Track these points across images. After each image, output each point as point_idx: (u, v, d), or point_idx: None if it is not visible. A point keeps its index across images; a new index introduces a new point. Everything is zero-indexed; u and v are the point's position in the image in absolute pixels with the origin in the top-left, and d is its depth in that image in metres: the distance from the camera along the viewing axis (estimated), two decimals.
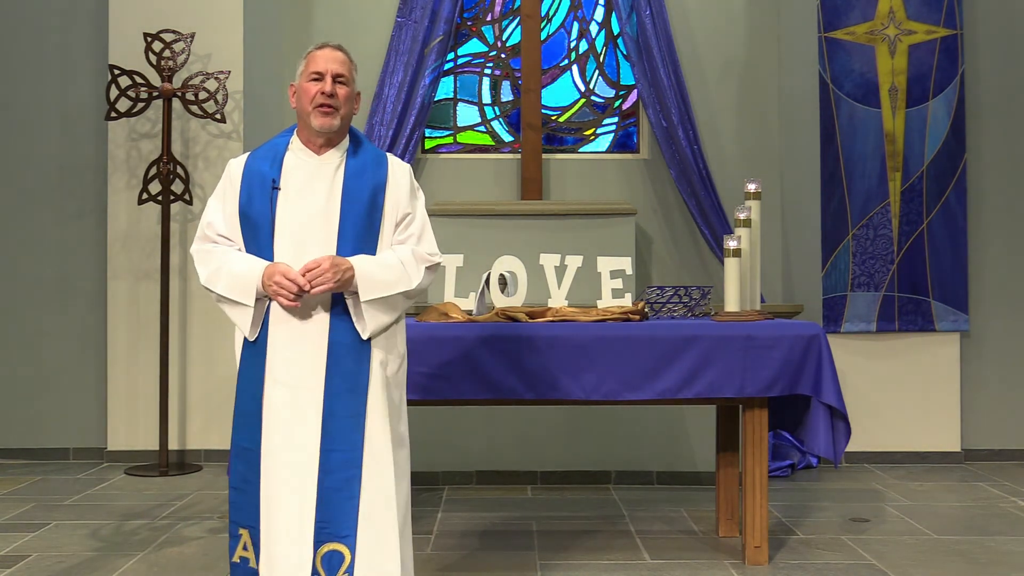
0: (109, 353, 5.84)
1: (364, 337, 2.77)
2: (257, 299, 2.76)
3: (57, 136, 6.04)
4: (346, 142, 2.91)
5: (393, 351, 2.86)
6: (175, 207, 5.75)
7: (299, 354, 2.75)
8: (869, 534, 4.26)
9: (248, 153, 2.95)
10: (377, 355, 2.80)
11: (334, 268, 2.68)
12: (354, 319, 2.77)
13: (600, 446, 5.28)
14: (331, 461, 2.72)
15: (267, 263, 2.75)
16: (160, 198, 5.59)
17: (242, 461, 2.78)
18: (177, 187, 5.66)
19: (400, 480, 2.81)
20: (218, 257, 2.84)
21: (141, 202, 5.59)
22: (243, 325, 2.80)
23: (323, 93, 2.81)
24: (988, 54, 5.98)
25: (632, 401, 3.69)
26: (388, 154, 2.98)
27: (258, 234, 2.79)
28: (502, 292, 4.06)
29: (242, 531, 2.78)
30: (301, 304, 2.72)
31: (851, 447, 5.48)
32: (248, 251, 2.82)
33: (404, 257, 2.84)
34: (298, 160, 2.86)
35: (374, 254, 2.81)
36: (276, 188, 2.81)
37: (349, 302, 2.77)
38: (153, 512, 4.62)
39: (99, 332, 5.93)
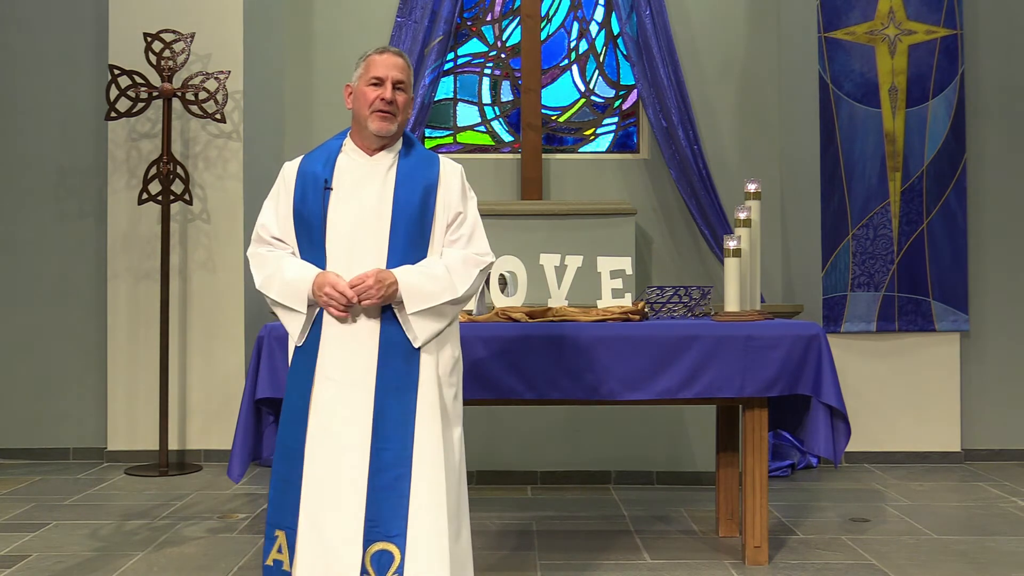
0: (109, 353, 5.84)
1: (416, 346, 2.79)
2: (308, 305, 2.79)
3: (57, 136, 6.04)
4: (399, 144, 2.94)
5: (444, 351, 2.87)
6: (175, 207, 5.75)
7: (350, 352, 2.76)
8: (869, 534, 4.26)
9: (303, 156, 2.98)
10: (428, 354, 2.81)
11: (378, 284, 2.71)
12: (404, 328, 2.79)
13: (600, 446, 5.28)
14: (381, 460, 2.71)
15: (318, 271, 2.78)
16: (160, 198, 5.59)
17: (284, 460, 2.79)
18: (177, 187, 5.66)
19: (452, 479, 2.80)
20: (272, 262, 2.87)
21: (141, 202, 5.59)
22: (293, 331, 2.83)
23: (383, 99, 2.83)
24: (988, 54, 5.98)
25: (632, 401, 3.69)
26: (440, 155, 3.01)
27: (311, 234, 2.81)
28: (502, 292, 4.06)
29: (278, 533, 2.77)
30: (350, 314, 2.76)
31: (851, 447, 5.47)
32: (301, 251, 2.85)
33: (452, 264, 2.85)
34: (351, 161, 2.89)
35: (425, 254, 2.83)
36: (328, 188, 2.83)
37: (398, 313, 2.79)
38: (153, 512, 4.62)
39: (99, 332, 5.93)
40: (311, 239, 2.82)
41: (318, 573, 2.70)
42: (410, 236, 2.81)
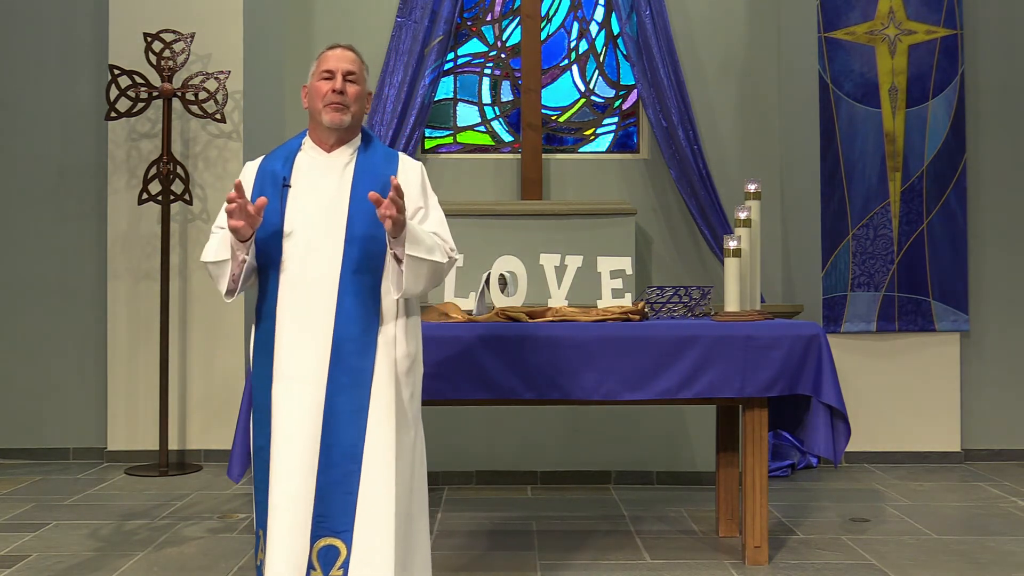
0: (109, 353, 5.84)
1: (395, 296, 2.77)
2: (234, 254, 2.77)
3: (57, 136, 6.04)
4: (357, 140, 2.95)
5: (400, 347, 2.85)
6: (175, 207, 5.75)
7: (303, 348, 2.76)
8: (869, 534, 4.26)
9: (264, 156, 2.98)
10: (384, 351, 2.80)
11: (398, 200, 2.62)
12: (390, 280, 2.77)
13: (600, 446, 5.28)
14: (331, 455, 2.72)
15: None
16: (160, 198, 5.59)
17: (259, 460, 2.80)
18: (177, 187, 5.66)
19: (404, 478, 2.79)
20: (215, 236, 2.88)
21: (141, 202, 5.59)
22: (221, 284, 2.81)
23: (334, 91, 2.85)
24: (988, 54, 5.98)
25: (632, 401, 3.69)
26: (400, 153, 3.01)
27: (267, 230, 2.80)
28: (502, 292, 4.06)
29: (261, 532, 2.78)
30: (305, 286, 2.73)
31: (851, 447, 5.48)
32: (258, 248, 2.82)
33: (431, 231, 2.86)
34: (309, 159, 2.90)
35: (383, 250, 2.79)
36: (287, 186, 2.84)
37: (388, 261, 2.76)
38: (153, 512, 4.62)
39: (99, 332, 5.93)
40: (267, 235, 2.80)
41: (277, 569, 2.70)
42: (368, 231, 2.78)
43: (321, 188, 2.84)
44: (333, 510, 2.71)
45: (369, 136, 2.98)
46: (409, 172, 2.93)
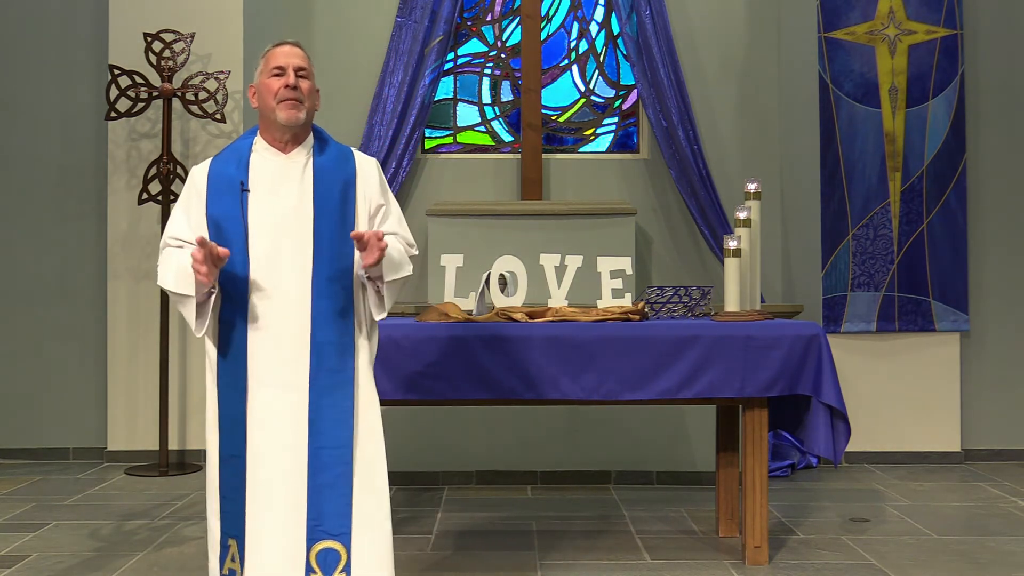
0: (109, 353, 5.84)
1: (378, 318, 2.82)
2: (210, 293, 2.71)
3: (57, 136, 6.04)
4: (311, 139, 2.90)
5: (374, 341, 2.90)
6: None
7: (282, 355, 2.73)
8: (869, 534, 4.26)
9: (210, 159, 2.90)
10: (363, 350, 2.82)
11: (381, 239, 2.66)
12: (370, 302, 2.81)
13: (600, 446, 5.28)
14: (321, 458, 2.71)
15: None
16: (160, 198, 5.59)
17: (229, 469, 2.74)
18: (177, 187, 5.66)
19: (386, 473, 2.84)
20: (174, 257, 2.77)
21: (141, 202, 5.59)
22: (189, 318, 2.74)
23: (287, 86, 2.80)
24: (988, 54, 5.98)
25: (632, 401, 3.69)
26: (353, 149, 2.98)
27: (231, 238, 2.74)
28: (502, 292, 4.06)
29: (231, 541, 2.74)
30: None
31: (851, 447, 5.48)
32: None
33: (400, 246, 2.87)
34: (264, 160, 2.84)
35: (351, 250, 2.79)
36: (245, 190, 2.78)
37: (367, 286, 2.79)
38: (153, 512, 4.62)
39: (99, 332, 5.93)
40: (231, 243, 2.72)
41: (271, 572, 2.68)
42: (333, 232, 2.77)
43: (282, 192, 2.79)
44: (328, 513, 2.71)
45: (322, 134, 2.94)
46: (366, 169, 2.91)
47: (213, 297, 2.74)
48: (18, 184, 6.03)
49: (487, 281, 4.03)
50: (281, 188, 2.80)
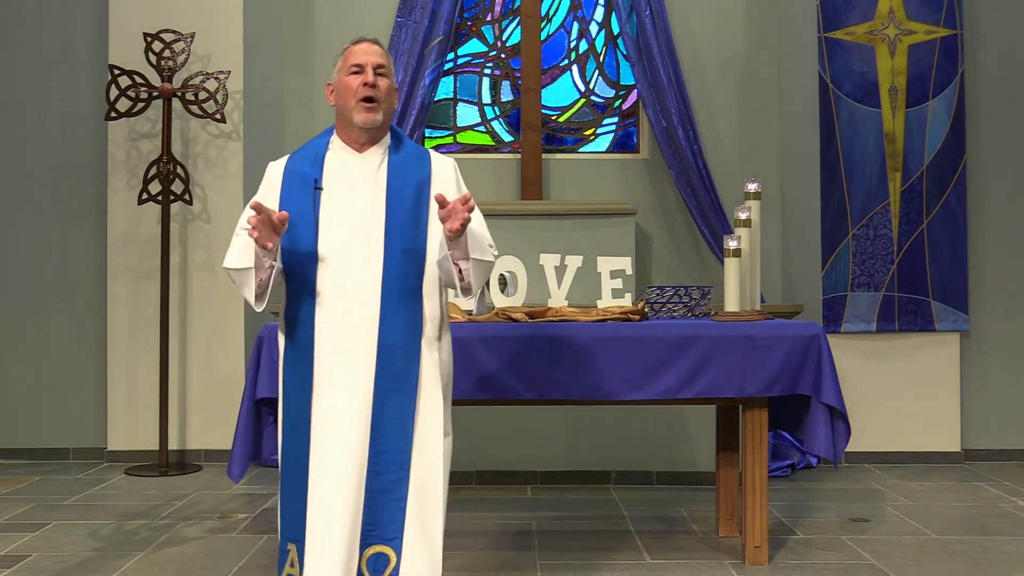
0: (109, 353, 5.84)
1: (465, 307, 2.75)
2: (257, 266, 2.67)
3: (57, 136, 6.04)
4: (387, 139, 2.87)
5: (444, 351, 2.81)
6: (175, 207, 5.75)
7: (348, 356, 2.70)
8: (869, 534, 4.26)
9: (288, 156, 2.89)
10: (429, 355, 2.76)
11: (465, 205, 2.57)
12: (458, 287, 2.72)
13: (600, 446, 5.28)
14: (380, 463, 2.68)
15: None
16: (160, 198, 5.59)
17: (290, 471, 2.73)
18: (177, 187, 5.66)
19: (446, 483, 2.77)
20: (238, 240, 2.76)
21: (141, 202, 5.59)
22: (248, 294, 2.71)
23: (366, 84, 2.76)
24: (988, 54, 5.98)
25: (632, 401, 3.69)
26: (431, 150, 2.95)
27: (300, 235, 2.72)
28: (502, 292, 4.06)
29: (291, 546, 2.71)
30: (347, 299, 2.66)
31: (851, 447, 5.47)
32: (287, 252, 2.73)
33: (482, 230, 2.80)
34: (340, 159, 2.81)
35: (423, 251, 2.75)
36: (319, 188, 2.76)
37: (451, 270, 2.70)
38: (153, 512, 4.62)
39: (99, 332, 5.93)
40: (300, 239, 2.72)
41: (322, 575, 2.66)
42: (405, 232, 2.74)
43: (356, 191, 2.76)
44: (383, 518, 2.68)
45: (399, 134, 2.91)
46: (443, 170, 2.88)
47: (273, 272, 2.70)
48: (18, 184, 6.03)
49: (487, 281, 4.03)
50: (354, 187, 2.77)
